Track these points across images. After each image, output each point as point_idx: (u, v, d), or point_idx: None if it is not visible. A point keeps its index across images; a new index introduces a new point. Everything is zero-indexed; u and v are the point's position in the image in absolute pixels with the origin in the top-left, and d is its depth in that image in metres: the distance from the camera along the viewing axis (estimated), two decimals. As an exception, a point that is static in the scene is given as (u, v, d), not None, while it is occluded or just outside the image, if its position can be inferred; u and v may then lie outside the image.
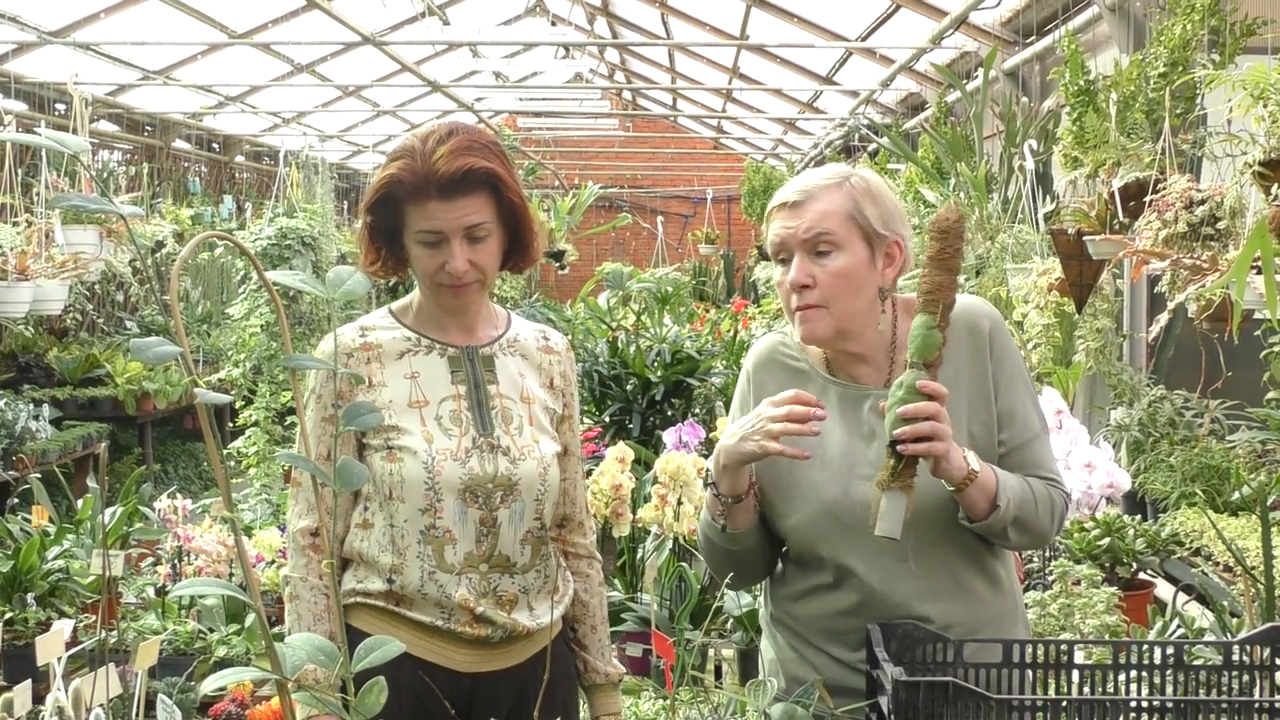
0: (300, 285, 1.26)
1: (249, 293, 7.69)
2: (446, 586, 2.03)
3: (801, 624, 2.04)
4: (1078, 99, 4.23)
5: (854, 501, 1.91)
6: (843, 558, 1.94)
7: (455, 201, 2.01)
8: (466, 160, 2.00)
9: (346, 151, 15.31)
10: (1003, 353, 1.98)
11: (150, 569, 4.49)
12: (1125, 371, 4.61)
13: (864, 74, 9.72)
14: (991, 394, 1.96)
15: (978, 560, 1.98)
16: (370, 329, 2.13)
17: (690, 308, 11.95)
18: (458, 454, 2.05)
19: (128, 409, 8.26)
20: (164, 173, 10.75)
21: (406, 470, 2.03)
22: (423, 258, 2.05)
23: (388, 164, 2.03)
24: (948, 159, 6.25)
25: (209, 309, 9.77)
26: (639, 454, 4.88)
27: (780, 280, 1.96)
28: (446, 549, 2.04)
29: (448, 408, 2.08)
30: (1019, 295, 4.73)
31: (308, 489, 2.12)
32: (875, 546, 1.89)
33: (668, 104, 16.78)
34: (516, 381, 2.15)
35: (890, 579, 1.93)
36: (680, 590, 4.11)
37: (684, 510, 3.80)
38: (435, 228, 2.02)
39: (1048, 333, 4.61)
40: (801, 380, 2.02)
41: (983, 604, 1.98)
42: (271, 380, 7.44)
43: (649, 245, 18.97)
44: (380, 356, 2.10)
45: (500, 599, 2.07)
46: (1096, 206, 4.05)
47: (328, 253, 8.33)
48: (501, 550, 2.07)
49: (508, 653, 2.10)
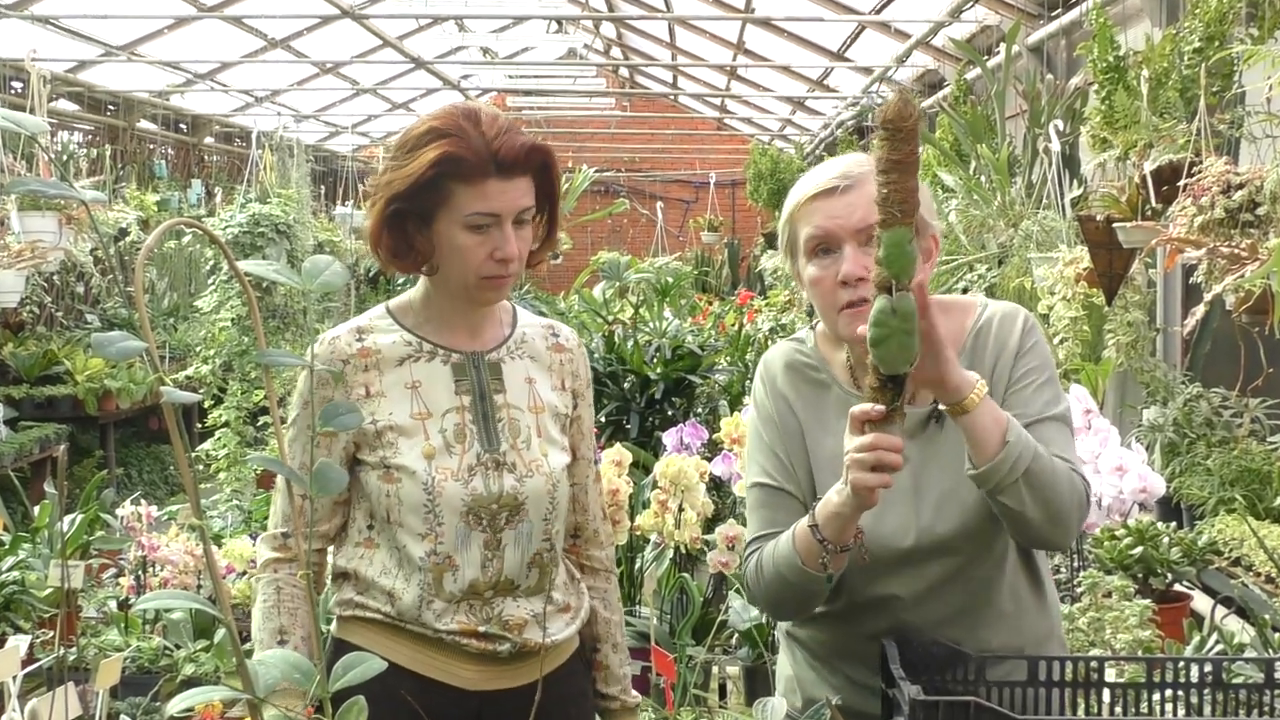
0: (274, 276, 1.25)
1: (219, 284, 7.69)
2: (445, 615, 2.02)
3: (822, 644, 2.04)
4: (1107, 76, 4.22)
5: (887, 528, 1.91)
6: (878, 585, 1.94)
7: (513, 181, 1.99)
8: (522, 139, 2.00)
9: (324, 133, 15.30)
10: (1031, 354, 1.96)
11: (112, 581, 4.48)
12: (1159, 368, 4.60)
13: (878, 49, 9.72)
14: (1009, 406, 1.91)
15: (1018, 582, 1.98)
16: (368, 331, 2.09)
17: (692, 300, 11.93)
18: (459, 473, 2.02)
19: (88, 409, 8.26)
20: (128, 155, 10.74)
21: (404, 492, 2.01)
22: (469, 246, 2.00)
23: (429, 145, 1.97)
24: (967, 141, 6.25)
25: (176, 301, 9.77)
26: (637, 457, 4.87)
27: (819, 276, 1.92)
28: (446, 576, 2.02)
29: (451, 421, 2.05)
30: (1044, 286, 4.73)
31: (285, 496, 2.10)
32: (914, 571, 1.90)
33: (668, 82, 16.78)
34: (525, 389, 2.13)
35: (928, 604, 1.93)
36: (681, 603, 4.10)
37: (685, 517, 3.80)
38: (492, 209, 1.99)
39: (1075, 327, 4.61)
40: (823, 393, 2.01)
41: (1021, 629, 1.98)
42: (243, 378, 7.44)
43: (648, 233, 18.95)
44: (379, 363, 2.07)
45: (507, 624, 2.05)
46: (1127, 191, 4.05)
47: (303, 241, 8.34)
48: (507, 575, 2.06)
49: (518, 670, 2.08)
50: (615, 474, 3.70)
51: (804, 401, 2.01)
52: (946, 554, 1.90)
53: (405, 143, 2.03)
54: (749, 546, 2.02)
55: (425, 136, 2.00)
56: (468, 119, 2.00)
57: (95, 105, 10.45)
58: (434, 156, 1.96)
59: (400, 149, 2.03)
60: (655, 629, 3.54)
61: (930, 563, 1.91)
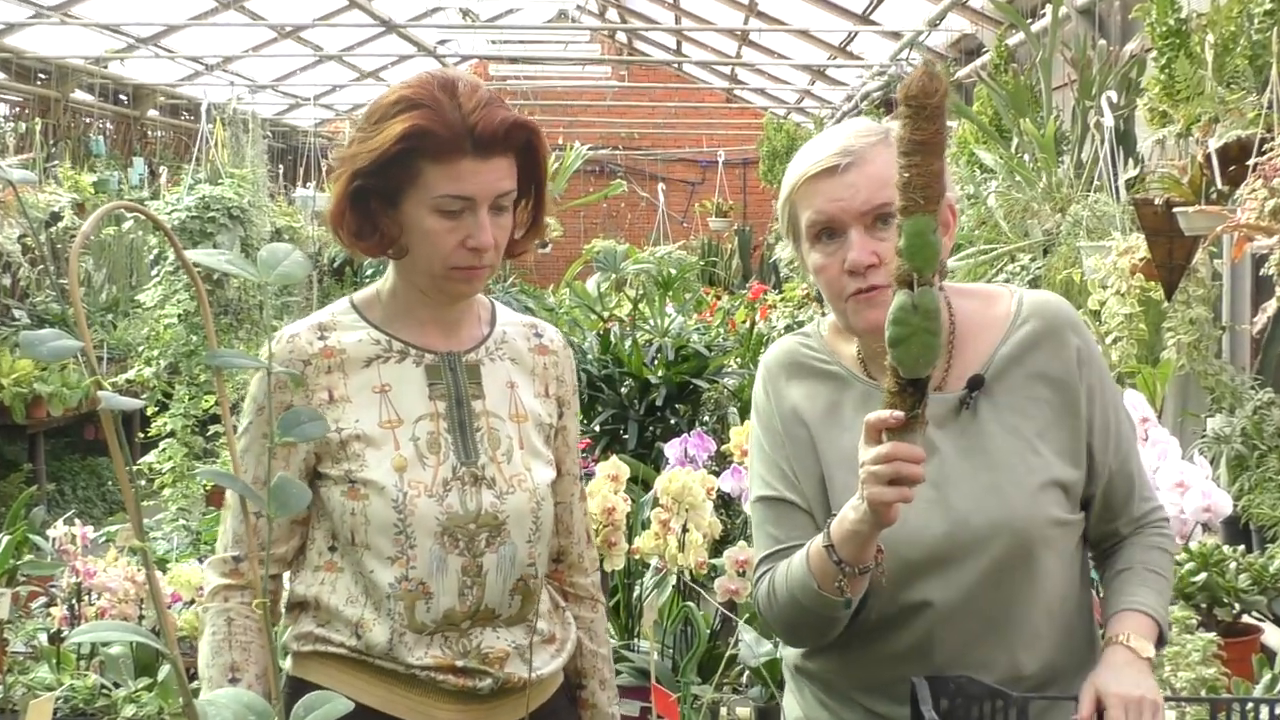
0: (226, 267, 1.25)
1: (164, 276, 7.70)
2: (417, 649, 2.02)
3: (837, 674, 2.04)
4: (1166, 41, 4.23)
5: (911, 526, 1.91)
6: (910, 590, 1.94)
7: (490, 161, 1.99)
8: (504, 113, 2.00)
9: (282, 105, 15.32)
10: (1089, 360, 2.01)
11: (43, 611, 4.48)
12: (1225, 371, 4.61)
13: (908, 11, 9.72)
14: (1083, 419, 1.98)
15: (1059, 596, 1.99)
16: (330, 328, 2.09)
17: (698, 294, 11.97)
18: (433, 487, 2.02)
19: (15, 416, 8.26)
20: (61, 130, 10.74)
21: (372, 510, 2.01)
22: (438, 231, 2.00)
23: (398, 116, 1.98)
24: (1009, 115, 6.26)
25: (116, 295, 9.78)
26: (636, 471, 4.88)
27: (824, 263, 1.94)
28: (418, 605, 2.02)
29: (424, 429, 2.05)
30: (1095, 279, 4.73)
31: (236, 515, 2.10)
32: (947, 574, 1.91)
33: (671, 48, 16.79)
34: (506, 394, 2.13)
35: (960, 615, 1.93)
36: (686, 636, 4.10)
37: (690, 539, 3.80)
38: (465, 192, 1.99)
39: (1130, 324, 4.61)
40: (837, 387, 2.02)
41: (1062, 651, 1.99)
42: (191, 382, 7.44)
43: (648, 219, 18.97)
44: (344, 365, 2.07)
45: (486, 657, 2.06)
46: (1189, 171, 4.05)
47: (260, 227, 8.35)
48: (488, 604, 2.06)
49: (500, 708, 2.08)
50: (611, 490, 3.70)
51: (813, 400, 2.02)
52: (981, 553, 1.90)
53: (374, 113, 2.03)
54: (758, 568, 2.03)
55: (395, 106, 2.00)
56: (444, 89, 2.00)
57: (23, 73, 10.46)
58: (402, 130, 1.97)
59: (368, 120, 2.03)
60: (656, 665, 3.54)
61: (964, 562, 1.92)
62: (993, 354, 1.99)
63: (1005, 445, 1.94)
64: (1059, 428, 1.97)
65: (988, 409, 1.96)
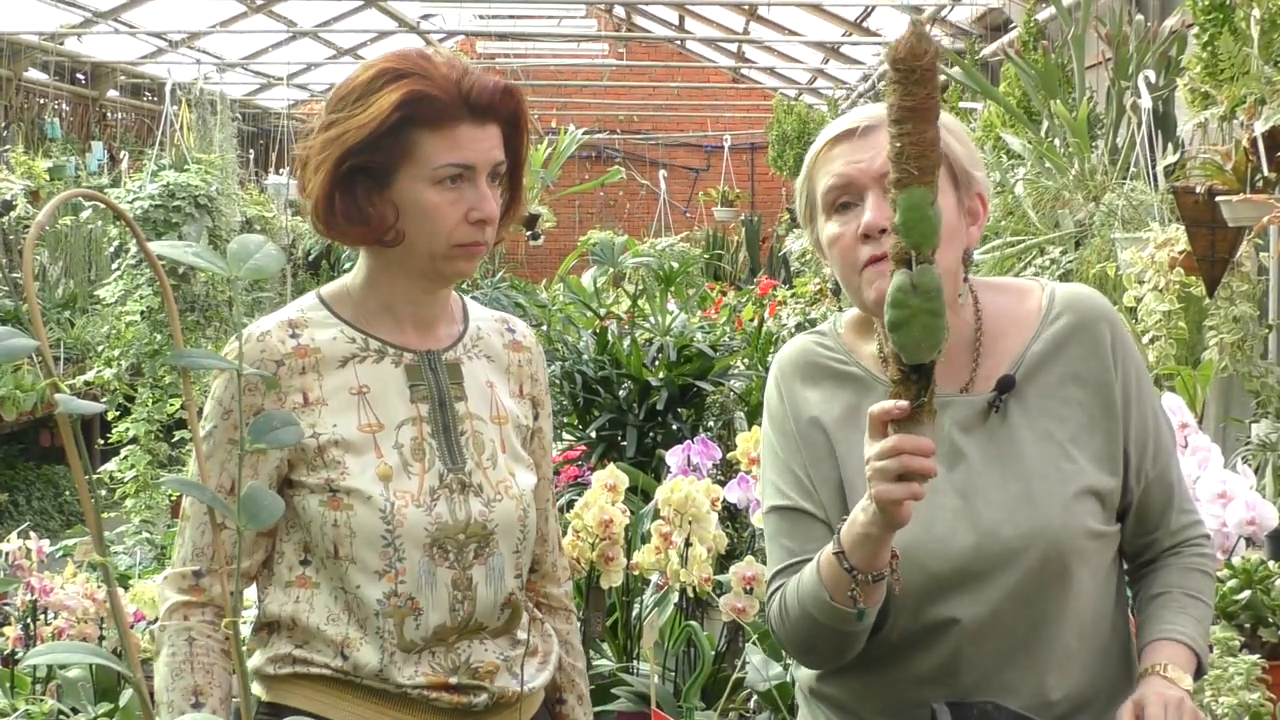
0: (193, 260, 1.25)
1: (125, 269, 7.70)
2: (406, 667, 2.03)
3: (856, 696, 2.04)
4: (1209, 17, 4.23)
5: (937, 538, 1.92)
6: (936, 607, 1.94)
7: (486, 128, 2.03)
8: (493, 78, 2.05)
9: (253, 85, 15.32)
10: (1126, 358, 2.02)
11: (-5, 630, 4.48)
12: (1271, 373, 4.61)
13: (929, -16, 9.72)
14: (1119, 422, 1.99)
15: (1093, 615, 1.99)
16: (301, 325, 2.09)
17: (702, 289, 11.96)
18: (420, 497, 2.03)
19: (-34, 421, 8.27)
20: (13, 112, 10.75)
21: (358, 521, 2.01)
22: (439, 205, 2.01)
23: (386, 89, 1.98)
24: (1038, 95, 6.25)
25: (73, 290, 9.78)
26: (634, 480, 4.88)
27: (839, 233, 1.95)
28: (407, 621, 2.03)
29: (408, 434, 2.06)
30: (1132, 273, 4.73)
31: (197, 526, 2.09)
32: (975, 590, 1.91)
33: (673, 24, 16.79)
34: (486, 394, 2.15)
35: (988, 634, 1.93)
36: (689, 657, 4.11)
37: (693, 554, 3.80)
38: (466, 160, 2.01)
39: (1169, 322, 4.61)
40: (856, 389, 2.02)
41: (1095, 674, 1.99)
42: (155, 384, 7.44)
43: (648, 208, 18.99)
44: (319, 364, 2.07)
45: (476, 672, 2.08)
46: (1233, 157, 4.05)
47: (229, 217, 8.36)
48: (478, 618, 2.08)
49: None
50: (609, 501, 3.70)
51: (831, 404, 2.03)
52: (1011, 568, 1.91)
53: (351, 91, 2.02)
54: (770, 584, 2.03)
55: (379, 79, 2.00)
56: (423, 58, 2.03)
57: (-26, 51, 10.47)
58: (398, 98, 1.97)
59: (345, 99, 2.02)
60: (656, 688, 3.55)
61: (994, 577, 1.92)
62: (1023, 352, 1.99)
63: (1037, 451, 1.95)
64: (1094, 432, 1.98)
65: (1018, 412, 1.97)
